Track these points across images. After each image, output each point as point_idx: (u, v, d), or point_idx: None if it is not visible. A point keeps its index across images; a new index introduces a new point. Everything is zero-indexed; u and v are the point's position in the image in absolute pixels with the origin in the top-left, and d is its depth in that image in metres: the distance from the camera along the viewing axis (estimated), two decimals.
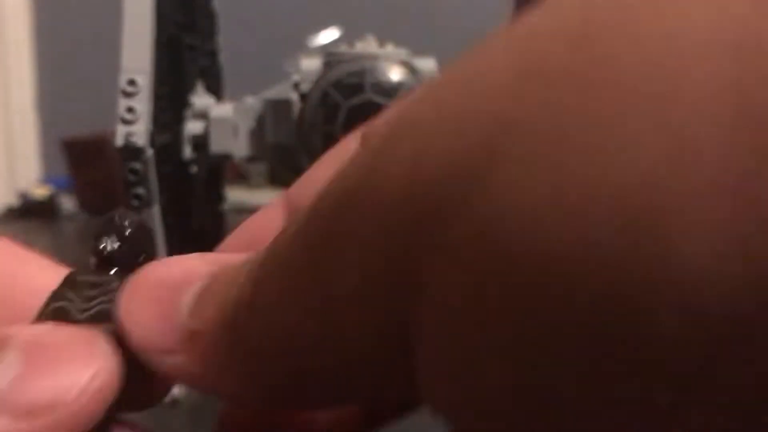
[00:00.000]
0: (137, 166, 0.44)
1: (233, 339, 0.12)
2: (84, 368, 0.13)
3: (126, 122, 0.45)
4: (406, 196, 0.10)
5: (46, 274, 0.17)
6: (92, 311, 0.15)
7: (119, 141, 0.44)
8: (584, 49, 0.09)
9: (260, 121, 0.54)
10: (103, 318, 0.15)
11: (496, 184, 0.09)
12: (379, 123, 0.15)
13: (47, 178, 1.50)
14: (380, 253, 0.10)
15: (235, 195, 1.31)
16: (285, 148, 0.54)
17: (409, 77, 0.50)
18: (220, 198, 0.65)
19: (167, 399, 0.55)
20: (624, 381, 0.08)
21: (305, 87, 0.51)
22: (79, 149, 1.30)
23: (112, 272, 0.17)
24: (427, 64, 0.52)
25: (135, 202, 0.45)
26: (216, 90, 0.62)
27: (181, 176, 0.53)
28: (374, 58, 0.51)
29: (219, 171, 0.65)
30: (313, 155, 0.51)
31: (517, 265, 0.08)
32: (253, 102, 0.55)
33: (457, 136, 0.09)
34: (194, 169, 0.56)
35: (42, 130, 1.62)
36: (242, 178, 1.39)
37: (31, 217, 1.28)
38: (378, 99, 0.49)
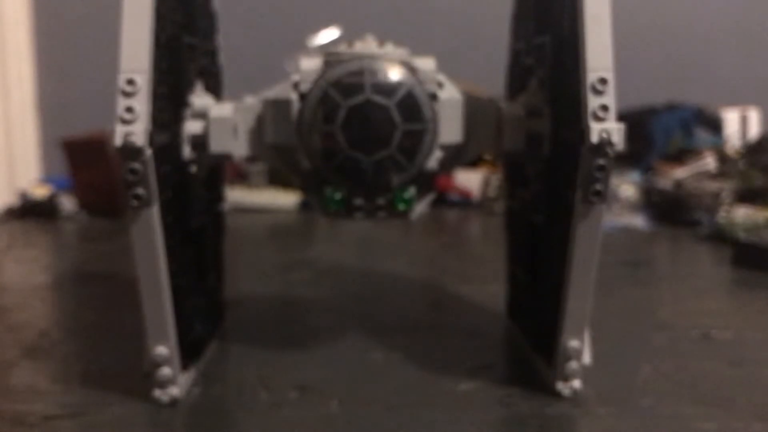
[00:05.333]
0: (136, 165, 0.44)
1: None
2: None
3: (125, 122, 0.45)
4: None
5: None
6: None
7: (118, 141, 0.44)
8: None
9: (260, 121, 0.54)
10: None
11: None
12: None
13: (47, 178, 1.50)
14: None
15: (235, 195, 1.32)
16: (284, 147, 0.54)
17: (408, 77, 0.50)
18: (219, 198, 0.65)
19: (167, 399, 0.56)
20: None
21: (305, 87, 0.51)
22: (79, 149, 1.30)
23: None
24: (427, 64, 0.52)
25: (134, 202, 0.45)
26: (215, 90, 0.62)
27: (181, 176, 0.53)
28: (374, 57, 0.51)
29: (218, 171, 0.65)
30: (313, 155, 0.52)
31: None
32: (252, 102, 0.55)
33: None
34: (194, 168, 0.56)
35: (42, 130, 1.62)
36: (242, 178, 1.39)
37: (31, 217, 1.28)
38: (377, 99, 0.49)
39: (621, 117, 0.46)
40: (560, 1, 0.50)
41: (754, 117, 1.49)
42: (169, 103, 0.50)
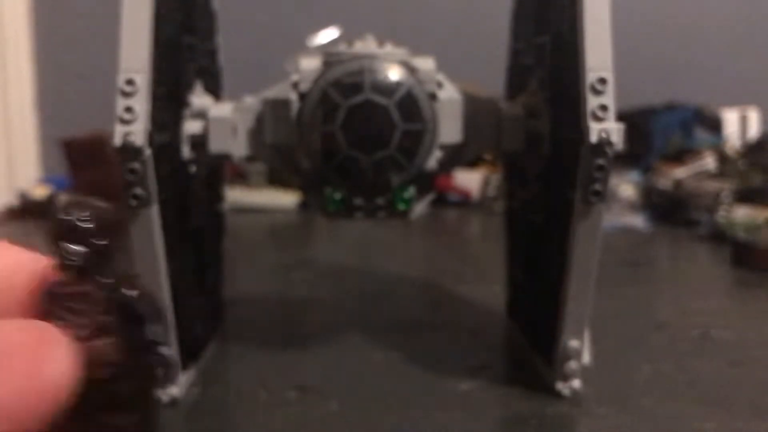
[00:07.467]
0: (136, 166, 0.44)
1: None
2: (47, 369, 0.14)
3: (124, 122, 0.45)
4: None
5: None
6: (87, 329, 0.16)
7: (117, 141, 0.44)
8: None
9: (259, 121, 0.54)
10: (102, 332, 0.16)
11: None
12: None
13: (47, 178, 1.50)
14: None
15: (234, 195, 1.32)
16: (284, 147, 0.54)
17: (408, 77, 0.50)
18: (219, 198, 0.65)
19: (167, 399, 0.56)
20: None
21: (304, 86, 0.51)
22: (79, 149, 1.30)
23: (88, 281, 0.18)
24: (426, 64, 0.52)
25: (134, 202, 0.45)
26: (215, 89, 0.62)
27: (180, 176, 0.53)
28: (373, 57, 0.51)
29: (218, 171, 0.65)
30: (313, 155, 0.51)
31: None
32: (252, 102, 0.55)
33: None
34: (193, 168, 0.56)
35: (42, 129, 1.62)
36: (241, 178, 1.39)
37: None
38: (377, 98, 0.49)
39: (620, 117, 0.46)
40: (560, 1, 0.50)
41: (753, 117, 1.49)
42: (168, 103, 0.50)
